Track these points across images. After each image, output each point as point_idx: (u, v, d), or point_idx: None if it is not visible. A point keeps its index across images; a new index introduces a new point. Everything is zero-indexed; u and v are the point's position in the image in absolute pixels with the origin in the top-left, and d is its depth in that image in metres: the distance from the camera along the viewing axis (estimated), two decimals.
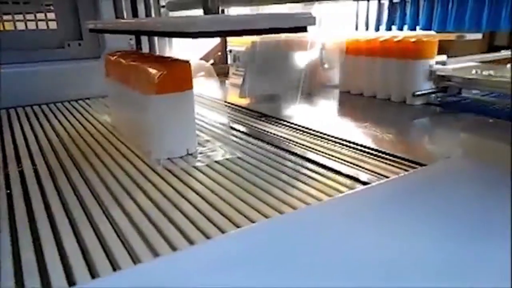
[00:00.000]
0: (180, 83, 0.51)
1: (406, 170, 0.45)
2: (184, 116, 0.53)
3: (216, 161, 0.51)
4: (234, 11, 1.09)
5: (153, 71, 0.50)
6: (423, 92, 0.75)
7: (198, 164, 0.51)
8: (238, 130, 0.65)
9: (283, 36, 0.83)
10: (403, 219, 0.33)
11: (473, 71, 0.73)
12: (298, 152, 0.53)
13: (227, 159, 0.52)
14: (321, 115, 0.77)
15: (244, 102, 0.84)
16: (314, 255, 0.28)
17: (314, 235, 0.31)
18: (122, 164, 0.52)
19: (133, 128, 0.60)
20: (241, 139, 0.60)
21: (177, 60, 0.55)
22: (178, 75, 0.52)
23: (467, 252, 0.28)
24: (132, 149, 0.57)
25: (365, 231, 0.31)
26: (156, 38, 1.02)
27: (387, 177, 0.44)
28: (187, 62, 0.53)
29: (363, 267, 0.27)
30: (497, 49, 1.03)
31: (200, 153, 0.54)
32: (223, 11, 1.05)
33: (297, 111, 0.78)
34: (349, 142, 0.56)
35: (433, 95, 0.77)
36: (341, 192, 0.41)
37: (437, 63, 0.78)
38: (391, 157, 0.50)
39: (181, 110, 0.52)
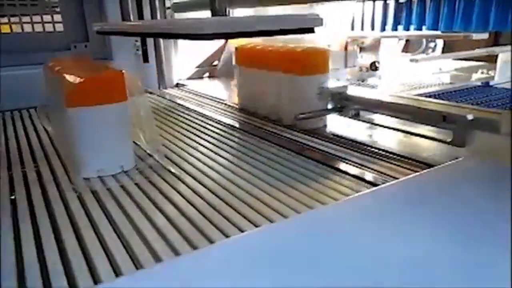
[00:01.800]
0: (108, 95, 0.47)
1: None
2: (116, 130, 0.48)
3: (149, 181, 0.46)
4: (239, 12, 1.09)
5: (70, 81, 0.45)
6: (305, 115, 0.61)
7: (126, 183, 0.46)
8: (240, 130, 0.65)
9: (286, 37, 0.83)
10: (413, 221, 0.33)
11: (479, 72, 0.72)
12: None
13: (163, 178, 0.47)
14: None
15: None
16: (323, 257, 0.28)
17: (323, 238, 0.31)
18: (45, 183, 0.47)
19: (66, 143, 0.54)
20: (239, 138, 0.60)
21: (107, 69, 0.51)
22: (105, 86, 0.47)
23: (478, 254, 0.28)
24: (67, 165, 0.52)
25: (375, 232, 0.31)
26: (161, 40, 1.03)
27: None
28: (119, 72, 0.48)
29: (371, 268, 0.27)
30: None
31: (137, 169, 0.50)
32: (229, 12, 1.05)
33: None
34: None
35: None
36: None
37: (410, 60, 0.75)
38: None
39: (111, 124, 0.47)
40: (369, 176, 0.45)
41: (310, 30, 0.49)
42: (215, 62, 1.21)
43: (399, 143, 0.55)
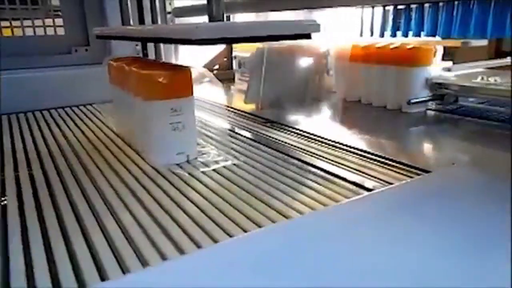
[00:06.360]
0: None
1: (410, 177, 0.45)
2: None
3: None
4: (240, 17, 1.10)
5: None
6: (418, 100, 0.75)
7: None
8: (244, 136, 0.65)
9: (288, 42, 0.83)
10: (406, 226, 0.33)
11: (479, 78, 0.72)
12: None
13: None
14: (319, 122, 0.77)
15: (249, 107, 0.85)
16: (318, 261, 0.28)
17: (318, 241, 0.31)
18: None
19: None
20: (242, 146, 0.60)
21: None
22: None
23: (469, 261, 0.28)
24: None
25: (368, 238, 0.31)
26: (161, 44, 1.03)
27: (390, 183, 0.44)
28: None
29: (366, 273, 0.27)
30: (505, 54, 1.03)
31: None
32: (228, 18, 1.06)
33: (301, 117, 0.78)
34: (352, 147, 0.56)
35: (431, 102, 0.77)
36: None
37: (443, 69, 0.78)
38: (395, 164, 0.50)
39: None
40: None
41: (307, 36, 0.49)
42: (216, 67, 1.22)
43: None
